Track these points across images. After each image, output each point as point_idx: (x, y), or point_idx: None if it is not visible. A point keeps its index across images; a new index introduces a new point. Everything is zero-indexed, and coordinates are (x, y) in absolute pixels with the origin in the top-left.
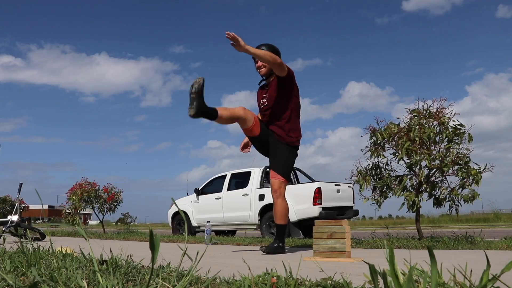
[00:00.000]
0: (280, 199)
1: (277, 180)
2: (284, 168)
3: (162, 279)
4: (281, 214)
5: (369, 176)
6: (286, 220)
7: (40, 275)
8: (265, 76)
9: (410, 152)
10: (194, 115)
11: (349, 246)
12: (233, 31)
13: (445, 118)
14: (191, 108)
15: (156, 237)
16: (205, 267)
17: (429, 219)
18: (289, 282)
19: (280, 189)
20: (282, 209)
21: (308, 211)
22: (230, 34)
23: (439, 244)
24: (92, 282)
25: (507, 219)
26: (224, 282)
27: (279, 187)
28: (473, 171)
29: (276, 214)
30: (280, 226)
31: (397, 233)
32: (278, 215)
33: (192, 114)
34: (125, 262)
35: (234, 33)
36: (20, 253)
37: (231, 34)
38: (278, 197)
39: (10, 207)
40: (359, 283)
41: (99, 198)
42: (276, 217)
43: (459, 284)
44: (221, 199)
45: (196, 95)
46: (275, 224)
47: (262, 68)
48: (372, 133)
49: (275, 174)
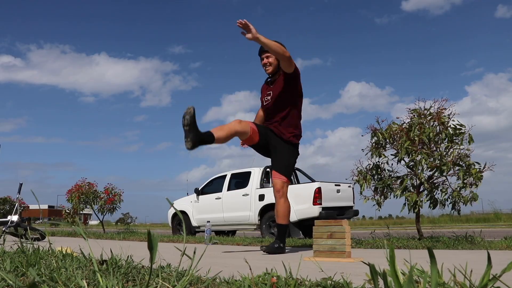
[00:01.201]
0: (283, 199)
1: (280, 180)
2: (286, 168)
3: (162, 279)
4: (283, 214)
5: (369, 176)
6: (288, 220)
7: (40, 275)
8: (271, 74)
9: (410, 151)
10: (191, 147)
11: (349, 246)
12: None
13: (445, 118)
14: (187, 142)
15: (154, 237)
16: (205, 267)
17: (429, 219)
18: (289, 282)
19: (283, 189)
20: (284, 209)
21: (308, 211)
22: (242, 21)
23: (439, 244)
24: (92, 282)
25: (507, 219)
26: (224, 282)
27: (282, 187)
28: (473, 170)
29: (278, 214)
30: (281, 226)
31: (397, 233)
32: (280, 215)
33: (189, 147)
34: (125, 262)
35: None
36: (20, 253)
37: (243, 22)
38: (281, 196)
39: (10, 207)
40: (359, 283)
41: (99, 199)
42: (278, 217)
43: (459, 284)
44: (221, 199)
45: (189, 127)
46: (276, 224)
47: (269, 66)
48: (373, 132)
49: (277, 174)
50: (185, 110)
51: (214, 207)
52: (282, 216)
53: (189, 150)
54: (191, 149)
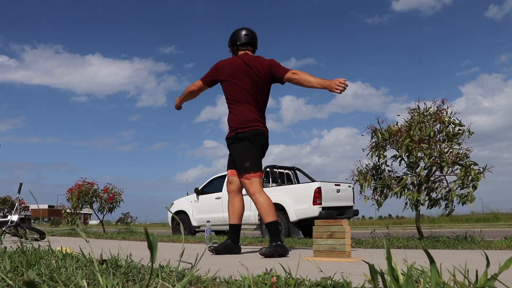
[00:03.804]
0: (256, 195)
1: (246, 180)
2: (246, 163)
3: (162, 279)
4: (266, 210)
5: (369, 176)
6: (275, 215)
7: (40, 275)
8: None
9: (411, 149)
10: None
11: (349, 246)
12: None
13: (445, 117)
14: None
15: (154, 236)
16: (205, 267)
17: (429, 219)
18: (289, 282)
19: (252, 187)
20: (264, 205)
21: (308, 211)
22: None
23: (439, 244)
24: (92, 282)
25: (506, 219)
26: (224, 282)
27: (251, 185)
28: (472, 171)
29: (261, 212)
30: (271, 224)
31: (397, 233)
32: (263, 212)
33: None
34: (125, 262)
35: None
36: (20, 253)
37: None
38: (253, 194)
39: (9, 207)
40: (359, 283)
41: (99, 198)
42: (263, 216)
43: (459, 283)
44: (221, 199)
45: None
46: (265, 225)
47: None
48: (373, 132)
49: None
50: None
51: (214, 207)
52: (266, 213)
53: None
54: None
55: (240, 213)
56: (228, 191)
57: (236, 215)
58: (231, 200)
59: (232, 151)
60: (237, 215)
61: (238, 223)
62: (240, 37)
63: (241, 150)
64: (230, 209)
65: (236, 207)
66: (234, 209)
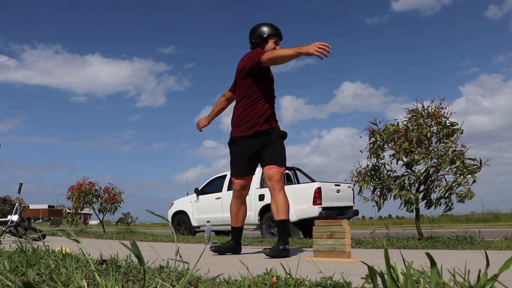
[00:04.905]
0: (282, 190)
1: (282, 172)
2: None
3: (161, 279)
4: (285, 207)
5: (368, 177)
6: (288, 214)
7: (39, 275)
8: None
9: (409, 151)
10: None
11: (349, 246)
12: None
13: (442, 117)
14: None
15: (133, 244)
16: (205, 267)
17: (429, 219)
18: (289, 282)
19: (282, 181)
20: (284, 201)
21: (308, 211)
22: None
23: (439, 244)
24: (92, 282)
25: (506, 219)
26: (224, 282)
27: (281, 179)
28: (469, 166)
29: (279, 208)
30: (284, 223)
31: (397, 233)
32: (282, 209)
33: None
34: (125, 262)
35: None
36: (20, 253)
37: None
38: (280, 188)
39: (10, 207)
40: (359, 283)
41: (99, 198)
42: (279, 212)
43: (459, 284)
44: (221, 199)
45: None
46: (277, 221)
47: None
48: (371, 133)
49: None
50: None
51: (214, 207)
52: (284, 210)
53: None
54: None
55: (244, 218)
56: (238, 196)
57: (241, 219)
58: (239, 207)
59: (275, 145)
60: (241, 219)
61: (242, 226)
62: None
63: (283, 145)
64: (236, 214)
65: (241, 213)
66: (239, 214)
